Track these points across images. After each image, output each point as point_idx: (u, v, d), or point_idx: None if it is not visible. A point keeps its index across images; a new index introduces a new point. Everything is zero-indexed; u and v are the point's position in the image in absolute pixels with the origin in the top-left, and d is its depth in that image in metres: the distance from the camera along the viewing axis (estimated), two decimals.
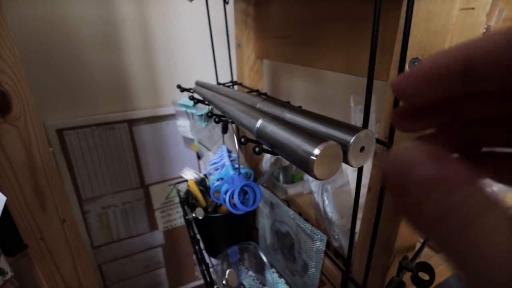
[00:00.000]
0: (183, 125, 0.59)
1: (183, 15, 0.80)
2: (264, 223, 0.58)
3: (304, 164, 0.21)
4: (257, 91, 0.53)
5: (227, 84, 0.60)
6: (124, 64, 0.79)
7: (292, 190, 0.67)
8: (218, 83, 0.62)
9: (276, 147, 0.24)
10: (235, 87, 0.61)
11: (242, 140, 0.26)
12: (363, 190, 0.34)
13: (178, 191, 0.61)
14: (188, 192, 0.62)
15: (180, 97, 0.60)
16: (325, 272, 0.50)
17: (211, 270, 0.53)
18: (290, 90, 1.04)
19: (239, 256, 0.54)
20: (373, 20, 0.23)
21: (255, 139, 0.28)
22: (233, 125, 0.37)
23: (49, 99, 0.75)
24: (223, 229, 0.55)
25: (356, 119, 0.77)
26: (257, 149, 0.24)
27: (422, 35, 0.25)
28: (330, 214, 0.49)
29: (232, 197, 0.35)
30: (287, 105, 0.30)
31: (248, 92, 0.54)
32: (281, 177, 0.71)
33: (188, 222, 0.55)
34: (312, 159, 0.20)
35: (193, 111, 0.54)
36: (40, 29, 0.68)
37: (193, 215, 0.52)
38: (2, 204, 0.33)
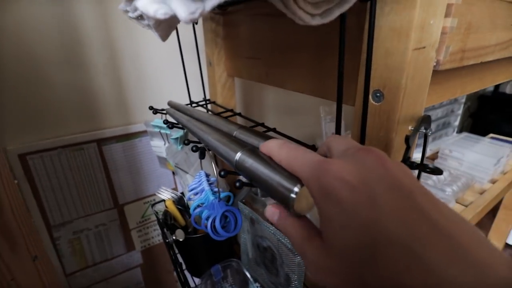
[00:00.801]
0: (158, 145, 0.59)
1: (148, 32, 0.79)
2: (245, 237, 0.59)
3: (285, 202, 0.22)
4: (231, 110, 0.54)
5: (200, 103, 0.61)
6: (90, 83, 0.76)
7: (271, 202, 0.68)
8: (191, 101, 0.62)
9: (255, 181, 0.25)
10: (209, 105, 0.61)
11: (222, 173, 0.27)
12: None
13: (156, 213, 0.60)
14: (166, 213, 0.62)
15: (153, 117, 0.60)
16: (308, 283, 0.52)
17: None
18: (262, 103, 1.06)
19: (223, 274, 0.55)
20: (339, 54, 0.25)
21: (233, 170, 0.29)
22: (210, 151, 0.37)
23: (9, 123, 0.70)
24: (205, 248, 0.55)
25: (327, 129, 0.81)
26: (237, 184, 0.25)
27: (382, 69, 0.27)
28: None
29: (214, 223, 0.35)
30: (263, 135, 0.31)
31: (222, 112, 0.55)
32: (259, 190, 0.73)
33: (168, 245, 0.55)
34: (292, 197, 0.21)
35: (167, 132, 0.54)
36: (2, 52, 0.64)
37: (174, 237, 0.51)
38: None
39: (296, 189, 0.21)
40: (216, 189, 0.40)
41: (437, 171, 0.24)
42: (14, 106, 0.69)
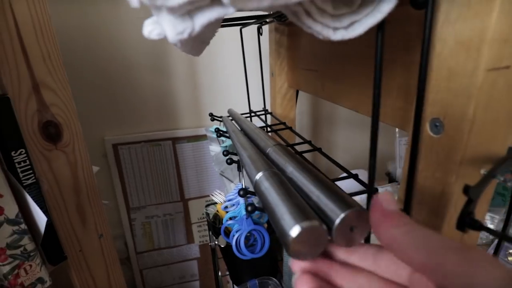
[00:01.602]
0: (214, 150, 0.61)
1: (226, 42, 0.83)
2: (289, 259, 0.56)
3: (283, 239, 0.19)
4: (284, 123, 0.52)
5: (258, 113, 0.61)
6: (171, 87, 0.85)
7: None
8: (250, 111, 0.63)
9: (266, 208, 0.23)
10: (268, 116, 0.61)
11: (241, 192, 0.26)
12: None
13: (207, 214, 0.63)
14: (216, 216, 0.64)
15: (214, 123, 0.63)
16: None
17: None
18: (332, 111, 1.00)
19: None
20: (375, 69, 0.20)
21: (253, 191, 0.27)
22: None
23: (109, 117, 0.85)
24: (245, 260, 0.55)
25: (401, 152, 0.70)
26: (249, 208, 0.23)
27: (443, 94, 0.21)
28: None
29: (239, 240, 0.34)
30: (293, 157, 0.29)
31: (275, 124, 0.54)
32: None
33: (212, 248, 0.56)
34: (289, 236, 0.18)
35: (224, 139, 0.56)
36: (104, 57, 0.78)
37: (216, 242, 0.52)
38: (44, 223, 0.38)
39: (298, 227, 0.18)
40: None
41: (509, 239, 0.17)
42: (112, 105, 0.83)
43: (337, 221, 0.19)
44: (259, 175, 0.26)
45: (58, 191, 0.45)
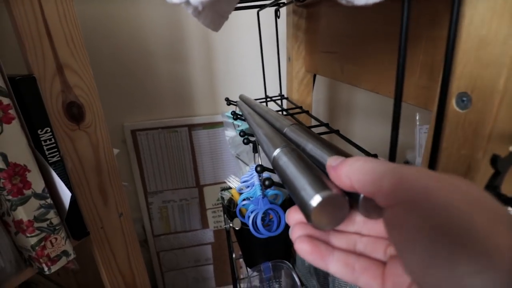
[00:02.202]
0: (230, 135, 0.62)
1: (241, 27, 0.83)
2: None
3: (304, 210, 0.19)
4: (300, 107, 0.52)
5: (274, 98, 0.60)
6: (188, 74, 0.86)
7: None
8: (266, 96, 0.62)
9: (285, 182, 0.23)
10: (283, 101, 0.60)
11: (258, 168, 0.26)
12: None
13: (222, 198, 0.64)
14: (231, 200, 0.64)
15: (229, 109, 0.63)
16: None
17: (246, 280, 0.54)
18: (349, 99, 0.97)
19: (273, 273, 0.54)
20: (399, 41, 0.20)
21: (271, 168, 0.27)
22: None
23: (127, 104, 0.87)
24: (259, 242, 0.55)
25: (421, 140, 0.68)
26: (266, 182, 0.23)
27: (472, 65, 0.20)
28: None
29: (256, 219, 0.35)
30: (312, 135, 0.28)
31: (291, 108, 0.53)
32: None
33: (227, 231, 0.57)
34: (310, 205, 0.18)
35: (239, 123, 0.56)
36: (123, 46, 0.79)
37: (230, 225, 0.53)
38: (68, 199, 0.40)
39: (319, 196, 0.18)
40: None
41: None
42: (131, 91, 0.85)
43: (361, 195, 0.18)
44: (277, 151, 0.26)
45: (82, 169, 0.46)
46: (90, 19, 0.75)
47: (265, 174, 0.43)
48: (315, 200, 0.18)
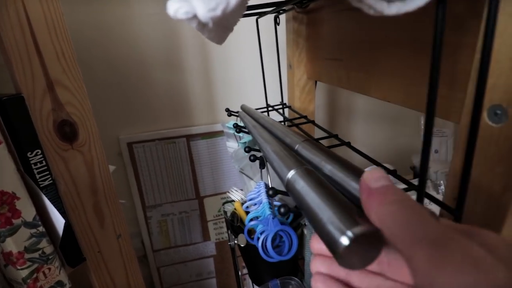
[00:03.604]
0: (232, 147, 0.59)
1: (239, 34, 0.81)
2: (310, 256, 0.54)
3: (332, 247, 0.17)
4: (305, 117, 0.50)
5: (276, 107, 0.58)
6: (185, 84, 0.84)
7: None
8: (268, 105, 0.60)
9: (303, 210, 0.21)
10: (285, 110, 0.58)
11: (270, 192, 0.23)
12: None
13: (225, 212, 0.61)
14: (234, 214, 0.62)
15: (230, 119, 0.61)
16: None
17: None
18: (349, 105, 0.96)
19: None
20: (433, 50, 0.18)
21: (284, 190, 0.25)
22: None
23: (123, 116, 0.84)
24: (266, 261, 0.53)
25: None
26: (282, 210, 0.21)
27: (507, 77, 0.19)
28: None
29: (266, 241, 0.32)
30: (330, 154, 0.26)
31: (296, 118, 0.51)
32: None
33: (231, 248, 0.54)
34: (340, 243, 0.16)
35: (241, 135, 0.54)
36: (117, 55, 0.77)
37: (235, 242, 0.51)
38: (62, 225, 0.37)
39: (351, 233, 0.16)
40: (275, 203, 0.37)
41: None
42: (127, 103, 0.82)
43: None
44: (291, 173, 0.24)
45: (76, 191, 0.44)
46: (81, 28, 0.72)
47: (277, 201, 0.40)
48: (346, 238, 0.16)
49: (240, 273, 0.54)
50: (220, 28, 0.21)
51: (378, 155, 1.03)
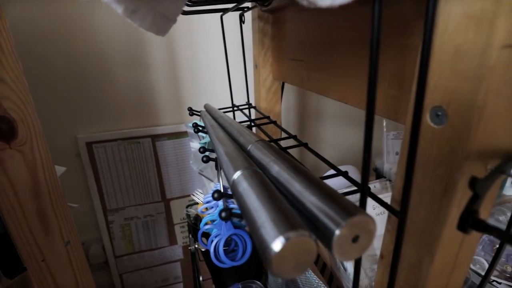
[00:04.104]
0: (195, 147, 0.57)
1: (207, 32, 0.79)
2: None
3: (263, 253, 0.16)
4: (268, 117, 0.49)
5: (242, 107, 0.57)
6: (150, 81, 0.80)
7: None
8: (233, 105, 0.59)
9: (243, 213, 0.20)
10: (251, 110, 0.57)
11: (216, 195, 0.22)
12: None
13: (188, 216, 0.59)
14: (197, 218, 0.60)
15: (193, 119, 0.58)
16: None
17: None
18: (318, 106, 0.97)
19: None
20: (370, 50, 0.17)
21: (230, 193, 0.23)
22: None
23: (81, 114, 0.79)
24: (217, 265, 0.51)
25: (389, 146, 0.68)
26: (223, 214, 0.19)
27: (448, 77, 0.19)
28: (347, 269, 0.42)
29: (218, 247, 0.31)
30: (279, 155, 0.25)
31: (258, 119, 0.50)
32: None
33: (192, 252, 0.52)
34: (271, 249, 0.15)
35: (204, 135, 0.52)
36: (76, 49, 0.72)
37: (195, 246, 0.49)
38: None
39: (282, 238, 0.15)
40: (232, 206, 0.35)
41: None
42: (85, 100, 0.77)
43: (337, 232, 0.15)
44: (237, 174, 0.23)
45: (14, 195, 0.40)
46: (37, 18, 0.66)
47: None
48: (277, 243, 0.15)
49: (201, 278, 0.52)
50: (157, 16, 0.19)
51: (345, 157, 1.05)
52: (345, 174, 0.27)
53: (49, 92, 0.73)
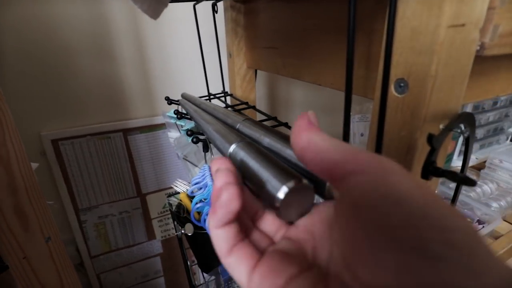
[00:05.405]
0: (174, 137, 0.58)
1: (176, 22, 0.79)
2: None
3: (271, 202, 0.19)
4: (246, 103, 0.51)
5: (218, 95, 0.59)
6: (118, 73, 0.78)
7: None
8: (209, 94, 0.60)
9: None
10: (227, 98, 0.59)
11: (189, 132, 0.24)
12: None
13: (170, 205, 0.60)
14: (180, 206, 0.61)
15: (171, 108, 0.59)
16: None
17: (203, 286, 0.51)
18: (288, 96, 1.01)
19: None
20: (347, 34, 0.21)
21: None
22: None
23: (45, 110, 0.74)
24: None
25: (354, 129, 0.75)
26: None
27: (407, 54, 0.23)
28: None
29: None
30: (268, 129, 0.28)
31: (237, 105, 0.52)
32: None
33: (179, 238, 0.54)
34: (277, 198, 0.18)
35: (182, 123, 0.53)
36: (35, 40, 0.67)
37: (182, 231, 0.50)
38: None
39: (285, 187, 0.18)
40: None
41: (468, 182, 0.19)
42: (49, 95, 0.73)
43: (328, 183, 0.19)
44: (233, 147, 0.25)
45: None
46: None
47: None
48: (282, 191, 0.18)
49: (189, 263, 0.54)
50: (153, 1, 0.21)
51: None
52: None
53: (9, 88, 0.68)
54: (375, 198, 0.12)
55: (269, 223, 0.21)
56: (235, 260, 0.18)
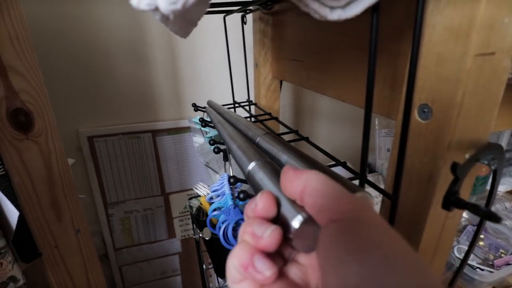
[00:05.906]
0: (198, 142, 0.60)
1: (207, 32, 0.81)
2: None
3: (287, 227, 0.19)
4: (269, 114, 0.52)
5: (242, 104, 0.60)
6: (150, 78, 0.82)
7: None
8: (234, 102, 0.62)
9: None
10: (251, 107, 0.60)
11: (231, 180, 0.25)
12: None
13: (190, 207, 0.62)
14: (200, 209, 0.63)
15: (196, 114, 0.61)
16: None
17: None
18: (313, 105, 1.01)
19: None
20: (369, 56, 0.20)
21: (244, 179, 0.26)
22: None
23: (83, 109, 0.80)
24: (229, 251, 0.54)
25: (381, 143, 0.73)
26: (241, 195, 0.22)
27: (432, 80, 0.22)
28: None
29: (227, 230, 0.34)
30: (286, 145, 0.28)
31: (260, 115, 0.53)
32: None
33: (196, 241, 0.55)
34: (292, 227, 0.18)
35: (207, 130, 0.55)
36: (78, 44, 0.73)
37: (200, 235, 0.52)
38: (15, 218, 0.35)
39: (300, 217, 0.18)
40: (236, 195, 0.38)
41: (493, 218, 0.18)
42: (88, 95, 0.79)
43: None
44: (251, 165, 0.26)
45: (31, 184, 0.42)
46: (40, 15, 0.68)
47: (239, 184, 0.42)
48: (296, 221, 0.18)
49: (204, 267, 0.55)
50: (183, 21, 0.22)
51: (339, 153, 1.09)
52: (344, 164, 0.31)
53: (51, 87, 0.74)
54: (344, 249, 0.14)
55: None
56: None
